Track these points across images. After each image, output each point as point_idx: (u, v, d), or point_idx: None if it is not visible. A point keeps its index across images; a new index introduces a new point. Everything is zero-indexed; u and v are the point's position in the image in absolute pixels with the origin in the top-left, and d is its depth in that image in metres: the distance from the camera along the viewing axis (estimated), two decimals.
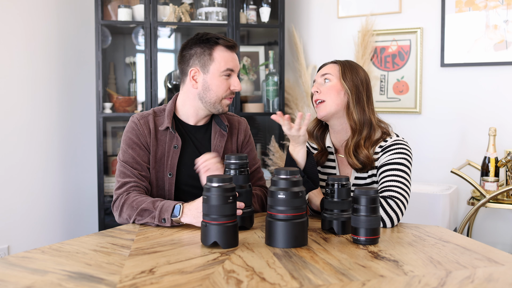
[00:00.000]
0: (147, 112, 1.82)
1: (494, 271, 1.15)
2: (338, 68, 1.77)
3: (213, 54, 1.74)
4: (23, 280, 1.08)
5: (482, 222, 3.00)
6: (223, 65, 1.74)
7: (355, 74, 1.76)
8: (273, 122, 3.40)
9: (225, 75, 1.75)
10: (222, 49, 1.75)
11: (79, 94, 3.39)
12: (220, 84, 1.75)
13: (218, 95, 1.76)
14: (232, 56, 1.77)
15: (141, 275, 1.10)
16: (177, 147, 1.78)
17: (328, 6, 3.44)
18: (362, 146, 1.72)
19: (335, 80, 1.75)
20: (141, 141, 1.75)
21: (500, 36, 2.90)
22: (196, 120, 1.84)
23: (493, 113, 2.94)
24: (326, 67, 1.80)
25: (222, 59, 1.74)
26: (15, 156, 3.00)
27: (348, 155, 1.72)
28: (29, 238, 3.08)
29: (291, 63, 3.58)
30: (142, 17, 3.09)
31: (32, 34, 3.09)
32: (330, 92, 1.74)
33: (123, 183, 1.70)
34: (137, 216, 1.60)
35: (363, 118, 1.74)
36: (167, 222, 1.55)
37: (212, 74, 1.75)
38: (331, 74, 1.76)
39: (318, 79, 1.80)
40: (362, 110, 1.74)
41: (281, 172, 1.32)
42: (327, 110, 1.74)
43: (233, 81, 1.77)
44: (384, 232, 1.52)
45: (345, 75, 1.75)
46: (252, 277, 1.09)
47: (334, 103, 1.73)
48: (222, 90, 1.76)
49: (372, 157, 1.72)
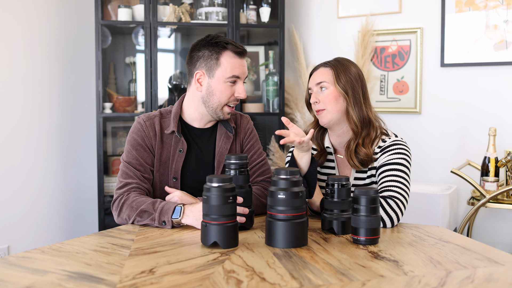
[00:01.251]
0: (154, 113, 1.80)
1: (494, 271, 1.15)
2: (331, 72, 1.75)
3: (221, 58, 1.70)
4: (23, 280, 1.08)
5: (482, 222, 3.00)
6: (229, 71, 1.70)
7: (348, 74, 1.75)
8: (273, 122, 3.41)
9: (230, 82, 1.72)
10: (230, 55, 1.71)
11: (79, 94, 3.39)
12: (224, 90, 1.72)
13: (220, 101, 1.73)
14: (240, 63, 1.73)
15: (141, 275, 1.10)
16: (182, 151, 1.75)
17: (328, 6, 3.44)
18: (360, 145, 1.73)
19: (331, 87, 1.74)
20: (146, 143, 1.74)
21: (500, 36, 2.90)
22: (201, 123, 1.81)
23: (493, 113, 2.94)
24: (319, 74, 1.77)
25: (229, 65, 1.70)
26: (15, 156, 3.00)
27: (350, 157, 1.73)
28: (29, 238, 3.08)
29: (291, 63, 3.58)
30: (142, 17, 3.09)
31: (32, 34, 3.09)
32: (329, 100, 1.73)
33: (125, 183, 1.68)
34: (136, 217, 1.59)
35: (361, 116, 1.74)
36: (168, 224, 1.54)
37: (217, 79, 1.72)
38: (326, 82, 1.75)
39: (314, 88, 1.78)
40: (360, 109, 1.74)
41: (281, 172, 1.32)
42: (328, 117, 1.74)
43: (238, 88, 1.73)
44: (384, 232, 1.52)
45: (339, 78, 1.73)
46: (252, 277, 1.09)
47: (334, 109, 1.74)
48: (226, 96, 1.73)
49: (371, 154, 1.73)
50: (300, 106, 3.38)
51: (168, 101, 3.31)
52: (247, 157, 1.57)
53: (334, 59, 1.80)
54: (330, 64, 1.77)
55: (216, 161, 1.79)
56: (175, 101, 3.24)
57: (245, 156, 1.54)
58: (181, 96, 1.85)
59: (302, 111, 3.32)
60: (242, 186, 1.52)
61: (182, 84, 3.28)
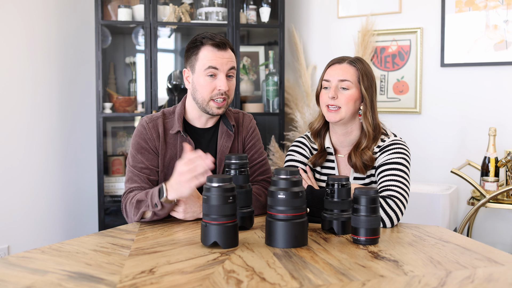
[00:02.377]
0: (157, 114, 1.80)
1: (494, 271, 1.15)
2: (357, 74, 1.73)
3: (199, 53, 1.72)
4: (23, 280, 1.08)
5: (482, 222, 3.00)
6: (205, 62, 1.70)
7: (370, 78, 1.74)
8: (273, 122, 3.41)
9: (209, 74, 1.70)
10: (208, 48, 1.71)
11: (79, 94, 3.39)
12: (205, 85, 1.71)
13: (203, 96, 1.72)
14: (217, 54, 1.71)
15: (141, 275, 1.10)
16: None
17: (328, 6, 3.44)
18: (367, 149, 1.74)
19: (354, 89, 1.72)
20: (150, 145, 1.74)
21: (500, 36, 2.90)
22: (201, 122, 1.81)
23: (493, 113, 2.94)
24: (344, 70, 1.73)
25: (205, 57, 1.70)
26: (15, 156, 3.00)
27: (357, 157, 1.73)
28: (29, 238, 3.08)
29: (291, 63, 3.58)
30: (142, 17, 3.09)
31: (32, 34, 3.09)
32: (348, 102, 1.72)
33: (130, 189, 1.71)
34: (136, 210, 1.60)
35: (375, 121, 1.75)
36: (159, 205, 1.54)
37: (197, 74, 1.72)
38: (350, 82, 1.72)
39: (334, 82, 1.73)
40: (374, 113, 1.75)
41: (281, 172, 1.32)
42: (341, 116, 1.73)
43: (218, 81, 1.71)
44: (384, 232, 1.52)
45: (363, 81, 1.72)
46: (252, 277, 1.09)
47: (349, 111, 1.73)
48: (207, 91, 1.71)
49: (373, 158, 1.73)
50: (300, 106, 3.37)
51: (168, 101, 3.31)
52: (247, 157, 1.57)
53: (357, 58, 1.76)
54: (357, 65, 1.73)
55: (218, 159, 1.80)
56: (175, 101, 3.24)
57: (245, 156, 1.54)
58: (184, 96, 1.86)
59: (302, 111, 3.32)
60: (242, 186, 1.52)
61: (182, 84, 3.27)
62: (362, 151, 1.73)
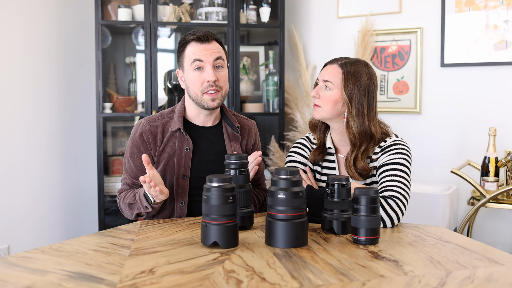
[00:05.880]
0: (154, 116, 1.82)
1: (494, 271, 1.15)
2: (341, 75, 1.71)
3: (185, 50, 1.76)
4: (23, 280, 1.08)
5: (482, 222, 3.00)
6: (191, 57, 1.74)
7: (357, 83, 1.70)
8: (273, 122, 3.41)
9: (196, 68, 1.73)
10: (192, 44, 1.75)
11: (79, 94, 3.39)
12: (194, 80, 1.74)
13: (195, 91, 1.75)
14: (201, 47, 1.73)
15: (141, 275, 1.10)
16: (189, 149, 1.78)
17: (328, 6, 3.44)
18: (359, 159, 1.72)
19: (335, 90, 1.72)
20: (142, 149, 1.78)
21: (500, 36, 2.90)
22: (201, 120, 1.83)
23: (493, 113, 2.94)
24: (329, 71, 1.74)
25: (190, 51, 1.74)
26: (15, 156, 3.00)
27: (349, 168, 1.74)
28: (29, 238, 3.08)
29: (291, 63, 3.58)
30: (142, 17, 3.09)
31: (32, 34, 3.09)
32: (327, 102, 1.73)
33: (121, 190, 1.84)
34: (129, 211, 1.75)
35: (361, 129, 1.71)
36: (149, 208, 1.67)
37: (187, 70, 1.76)
38: (331, 83, 1.72)
39: (320, 81, 1.77)
40: (361, 121, 1.71)
41: (281, 172, 1.32)
42: (321, 115, 1.75)
43: (205, 73, 1.73)
44: (384, 232, 1.52)
45: (346, 85, 1.70)
46: (252, 277, 1.09)
47: (329, 111, 1.74)
48: (197, 85, 1.74)
49: (368, 168, 1.73)
50: (300, 106, 3.37)
51: (168, 101, 3.31)
52: (247, 157, 1.57)
53: (353, 61, 1.74)
54: (345, 66, 1.72)
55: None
56: (175, 101, 3.24)
57: (245, 156, 1.54)
58: (183, 96, 1.88)
59: (302, 111, 3.32)
60: (242, 186, 1.52)
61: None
62: (355, 160, 1.73)
